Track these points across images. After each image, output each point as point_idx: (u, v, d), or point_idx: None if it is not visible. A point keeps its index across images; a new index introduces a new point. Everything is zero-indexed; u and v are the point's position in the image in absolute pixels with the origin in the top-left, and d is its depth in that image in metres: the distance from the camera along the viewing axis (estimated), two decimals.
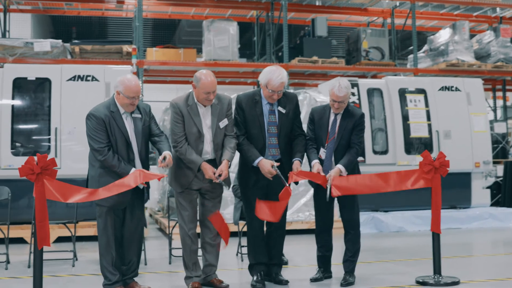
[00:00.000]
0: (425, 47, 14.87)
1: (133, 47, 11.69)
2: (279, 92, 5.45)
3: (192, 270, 5.46)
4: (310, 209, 9.52)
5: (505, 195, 12.06)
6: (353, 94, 10.46)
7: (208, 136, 5.45)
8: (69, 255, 7.15)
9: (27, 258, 6.87)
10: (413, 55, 14.01)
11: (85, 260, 7.24)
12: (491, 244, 9.18)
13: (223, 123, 5.52)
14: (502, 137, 13.84)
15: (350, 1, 14.65)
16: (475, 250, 8.69)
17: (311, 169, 5.71)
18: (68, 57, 11.89)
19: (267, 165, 5.43)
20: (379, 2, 14.71)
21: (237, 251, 7.48)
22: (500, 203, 12.11)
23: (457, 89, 11.04)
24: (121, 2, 14.07)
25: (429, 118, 10.78)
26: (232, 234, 8.39)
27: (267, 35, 14.56)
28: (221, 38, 12.85)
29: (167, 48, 13.07)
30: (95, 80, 9.22)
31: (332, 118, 5.79)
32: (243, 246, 7.04)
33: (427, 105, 10.84)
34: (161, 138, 5.43)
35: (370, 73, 14.08)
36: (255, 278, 5.60)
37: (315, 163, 5.67)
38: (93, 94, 8.88)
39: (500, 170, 12.47)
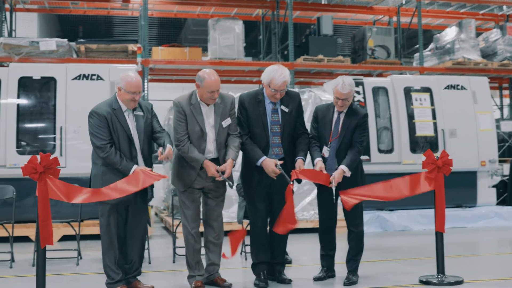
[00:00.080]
0: (431, 46, 14.80)
1: (138, 46, 11.71)
2: (281, 91, 5.44)
3: (195, 269, 5.46)
4: (315, 208, 9.49)
5: (511, 194, 12.01)
6: (358, 93, 10.44)
7: (211, 135, 5.45)
8: (74, 253, 7.17)
9: (31, 257, 6.90)
10: (419, 54, 13.96)
11: (89, 259, 7.26)
12: (497, 243, 9.15)
13: (226, 122, 5.51)
14: (509, 135, 13.78)
15: (356, 0, 14.62)
16: (480, 249, 8.66)
17: (314, 167, 5.71)
18: (74, 56, 11.90)
19: (271, 164, 5.42)
20: (385, 0, 14.66)
21: (241, 250, 7.48)
22: (506, 202, 12.04)
23: (463, 87, 11.00)
24: (126, 1, 14.07)
25: (434, 117, 10.75)
26: None
27: (273, 34, 14.55)
28: (226, 36, 12.84)
29: (172, 47, 13.08)
30: (100, 79, 9.26)
31: (335, 116, 5.78)
32: (246, 245, 7.04)
33: (432, 103, 10.81)
34: (163, 134, 5.45)
35: (375, 72, 14.04)
36: (258, 277, 5.60)
37: (318, 161, 5.67)
38: (98, 93, 8.88)
39: (506, 168, 12.42)
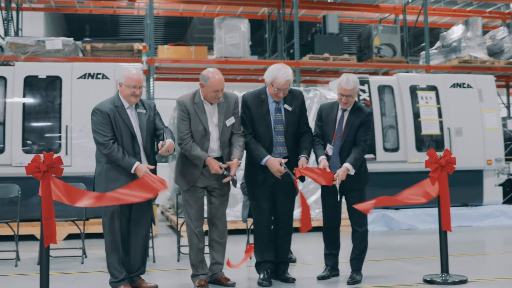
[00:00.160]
0: (437, 44, 14.76)
1: (143, 45, 11.72)
2: (284, 90, 5.44)
3: (198, 268, 5.46)
4: (320, 206, 9.33)
5: None
6: (364, 91, 10.41)
7: (214, 134, 5.45)
8: (79, 252, 7.19)
9: (37, 255, 6.90)
10: (425, 52, 13.91)
11: (94, 258, 7.28)
12: (502, 242, 9.11)
13: (230, 121, 5.51)
14: None
15: None
16: (486, 248, 8.62)
17: (318, 165, 5.70)
18: (80, 55, 11.93)
19: (275, 163, 5.42)
20: None
21: (245, 249, 7.48)
22: None
23: (469, 86, 10.94)
24: (132, 0, 14.10)
25: (440, 115, 10.70)
26: (240, 232, 8.52)
27: (279, 32, 14.54)
28: (232, 35, 12.83)
29: (178, 46, 13.11)
30: (106, 78, 9.29)
31: (339, 114, 5.77)
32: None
33: (438, 102, 10.76)
34: (165, 130, 5.46)
35: (381, 70, 14.00)
36: (261, 276, 5.60)
37: (322, 159, 5.66)
38: (103, 92, 8.84)
39: None
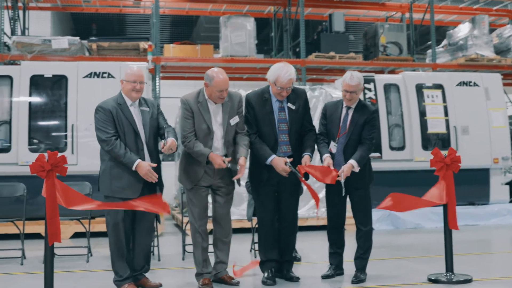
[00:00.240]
0: (444, 42, 14.70)
1: (149, 43, 11.74)
2: (287, 88, 5.44)
3: (202, 267, 5.47)
4: (325, 205, 9.45)
5: None
6: (369, 90, 10.39)
7: (218, 133, 5.45)
8: (84, 251, 7.22)
9: (42, 254, 6.90)
10: (432, 50, 13.87)
11: (99, 256, 7.30)
12: (509, 241, 9.06)
13: (234, 120, 5.52)
14: None
15: None
16: (492, 247, 8.58)
17: (322, 163, 5.69)
18: (86, 54, 11.97)
19: (280, 163, 5.42)
20: None
21: (250, 248, 7.49)
22: None
23: (475, 84, 10.90)
24: None
25: (446, 114, 10.66)
26: (245, 231, 8.53)
27: (284, 31, 14.53)
28: (238, 34, 12.83)
29: (184, 45, 13.11)
30: (111, 77, 9.31)
31: (344, 112, 5.76)
32: (256, 243, 7.04)
33: (444, 100, 10.73)
34: (169, 128, 5.47)
35: (387, 69, 13.96)
36: (266, 274, 5.61)
37: (326, 157, 5.65)
38: (109, 91, 8.71)
39: None
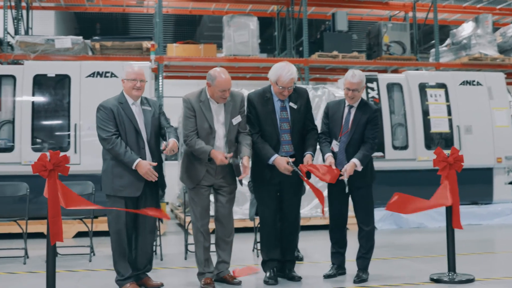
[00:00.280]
0: (447, 41, 14.66)
1: (152, 43, 11.74)
2: (289, 88, 5.43)
3: (204, 266, 5.46)
4: (327, 205, 9.47)
5: None
6: (372, 89, 10.37)
7: (220, 132, 5.45)
8: (87, 250, 7.22)
9: (45, 253, 6.93)
10: (435, 49, 13.84)
11: (102, 255, 7.30)
12: None
13: (236, 120, 5.52)
14: None
15: None
16: (495, 247, 8.56)
17: (324, 162, 5.69)
18: (89, 53, 11.98)
19: (283, 162, 5.42)
20: None
21: (253, 247, 7.49)
22: None
23: (478, 83, 10.87)
24: None
25: (450, 113, 10.64)
26: (248, 230, 8.53)
27: (288, 30, 14.52)
28: (241, 33, 12.82)
29: (187, 44, 13.11)
30: (114, 76, 9.32)
31: (346, 111, 5.76)
32: (258, 242, 7.03)
33: (447, 99, 10.70)
34: (170, 129, 5.48)
35: (391, 68, 13.95)
36: (267, 274, 5.61)
37: (328, 156, 5.66)
38: (112, 90, 8.69)
39: None
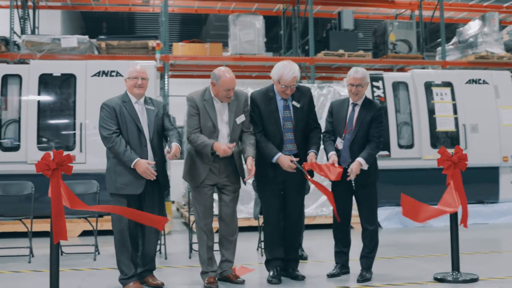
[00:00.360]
0: (453, 40, 14.59)
1: (157, 42, 11.75)
2: (292, 87, 5.43)
3: (207, 265, 5.47)
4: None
5: None
6: (378, 88, 10.36)
7: (224, 131, 5.46)
8: (92, 249, 7.25)
9: None
10: (441, 48, 13.79)
11: (107, 254, 7.31)
12: None
13: (240, 119, 5.52)
14: None
15: None
16: (500, 246, 8.53)
17: (328, 160, 5.69)
18: (95, 52, 12.00)
19: (286, 160, 5.43)
20: None
21: (257, 246, 7.49)
22: None
23: (484, 82, 10.83)
24: None
25: (455, 112, 10.60)
26: (253, 229, 8.54)
27: (293, 29, 14.50)
28: (247, 32, 12.82)
29: (193, 43, 13.11)
30: (120, 75, 9.34)
31: (350, 109, 5.76)
32: (263, 241, 7.03)
33: (453, 98, 10.66)
34: (173, 132, 5.49)
35: (397, 66, 13.91)
36: (271, 273, 5.61)
37: (332, 154, 5.66)
38: (117, 89, 8.69)
39: None
